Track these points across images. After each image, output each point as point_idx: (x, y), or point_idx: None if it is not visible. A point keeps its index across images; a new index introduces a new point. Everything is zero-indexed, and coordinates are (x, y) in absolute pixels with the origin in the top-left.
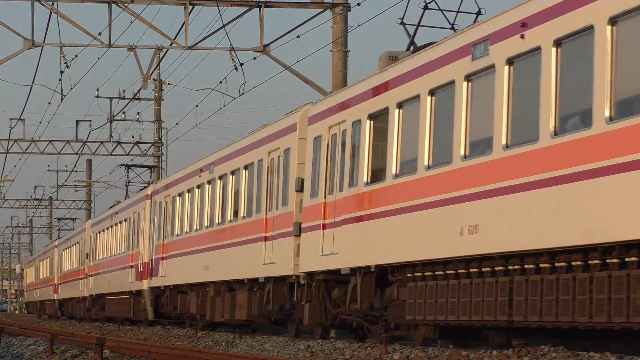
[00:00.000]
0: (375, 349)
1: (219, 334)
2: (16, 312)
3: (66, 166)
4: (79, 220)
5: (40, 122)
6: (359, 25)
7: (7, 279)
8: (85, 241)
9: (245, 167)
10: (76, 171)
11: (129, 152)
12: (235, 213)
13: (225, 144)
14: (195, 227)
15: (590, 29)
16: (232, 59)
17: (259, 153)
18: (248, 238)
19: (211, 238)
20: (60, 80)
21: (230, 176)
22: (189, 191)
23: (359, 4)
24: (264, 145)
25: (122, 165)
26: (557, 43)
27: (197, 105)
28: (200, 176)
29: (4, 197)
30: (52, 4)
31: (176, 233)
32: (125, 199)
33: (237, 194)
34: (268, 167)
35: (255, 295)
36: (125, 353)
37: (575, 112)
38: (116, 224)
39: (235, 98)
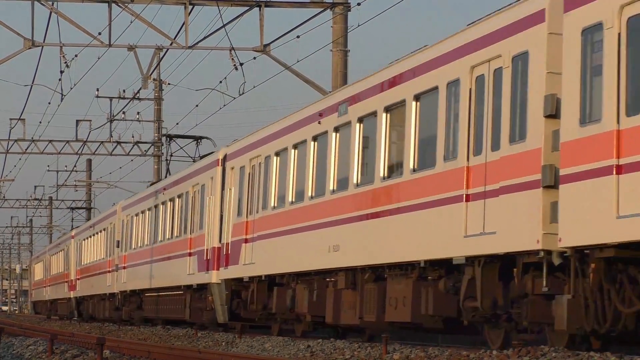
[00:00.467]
0: (375, 349)
1: (219, 334)
2: (16, 311)
3: (66, 166)
4: (96, 210)
5: (40, 122)
6: (359, 25)
7: (7, 279)
8: (115, 226)
9: (417, 98)
10: (76, 171)
11: (129, 152)
12: (398, 166)
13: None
14: (310, 194)
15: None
16: (232, 59)
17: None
18: (435, 199)
19: (344, 206)
20: (60, 80)
21: (384, 114)
22: (296, 147)
23: (359, 4)
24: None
25: (165, 135)
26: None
27: (197, 105)
28: (320, 123)
29: (4, 197)
30: (52, 4)
31: (272, 205)
32: (166, 176)
33: (398, 140)
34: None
35: (431, 287)
36: (125, 353)
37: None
38: (164, 203)
39: (235, 98)
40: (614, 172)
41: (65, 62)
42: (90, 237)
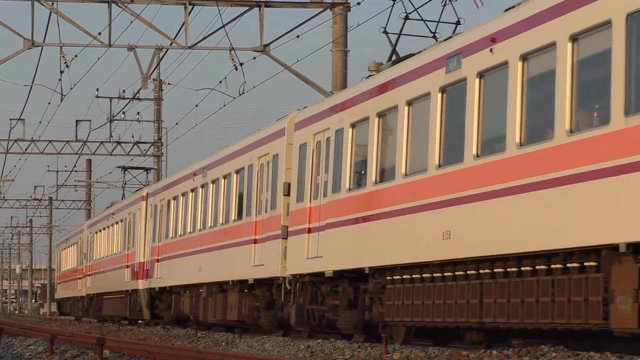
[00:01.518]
0: (375, 349)
1: (219, 334)
2: (16, 312)
3: (66, 166)
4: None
5: (40, 122)
6: (358, 25)
7: (7, 279)
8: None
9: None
10: (76, 171)
11: (129, 152)
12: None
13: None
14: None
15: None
16: (232, 59)
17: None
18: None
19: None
20: (60, 80)
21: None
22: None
23: (359, 4)
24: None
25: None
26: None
27: (197, 105)
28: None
29: (4, 197)
30: (52, 4)
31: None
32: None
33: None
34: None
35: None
36: (125, 353)
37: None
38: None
39: (235, 98)
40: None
41: (65, 62)
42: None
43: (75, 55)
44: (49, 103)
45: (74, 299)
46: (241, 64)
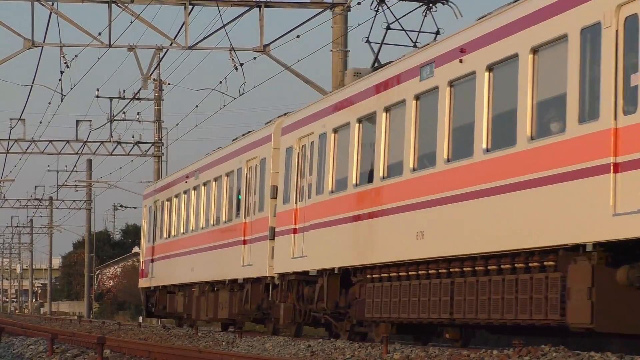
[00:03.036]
0: (376, 349)
1: (219, 334)
2: (16, 311)
3: (66, 166)
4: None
5: (40, 122)
6: (359, 25)
7: (7, 279)
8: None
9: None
10: (76, 171)
11: (129, 152)
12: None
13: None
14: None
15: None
16: (232, 59)
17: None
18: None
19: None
20: (60, 80)
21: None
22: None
23: (359, 4)
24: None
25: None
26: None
27: (197, 106)
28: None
29: (4, 197)
30: (52, 4)
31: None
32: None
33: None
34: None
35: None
36: (125, 353)
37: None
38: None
39: (235, 98)
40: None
41: (66, 62)
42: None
43: (76, 56)
44: (49, 103)
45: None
46: (241, 64)
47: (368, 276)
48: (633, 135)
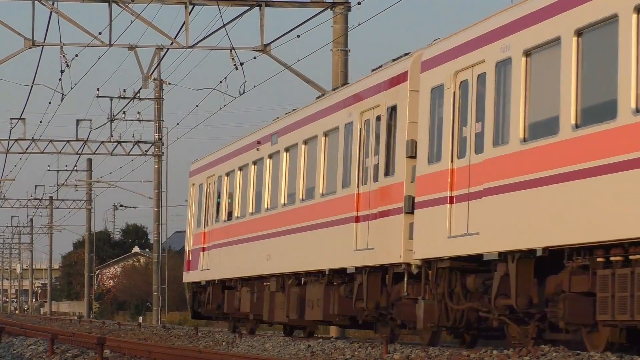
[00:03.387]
0: (376, 349)
1: (219, 334)
2: (16, 311)
3: (66, 166)
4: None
5: (40, 122)
6: (359, 25)
7: (7, 279)
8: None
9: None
10: (76, 171)
11: (130, 151)
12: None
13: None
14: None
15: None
16: (233, 59)
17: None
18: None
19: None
20: (60, 79)
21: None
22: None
23: (359, 4)
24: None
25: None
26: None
27: (197, 105)
28: (258, 149)
29: (4, 196)
30: (53, 4)
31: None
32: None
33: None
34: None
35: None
36: (125, 353)
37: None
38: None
39: (235, 98)
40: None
41: (66, 62)
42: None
43: (76, 55)
44: (50, 103)
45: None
46: (241, 64)
47: (599, 260)
48: None
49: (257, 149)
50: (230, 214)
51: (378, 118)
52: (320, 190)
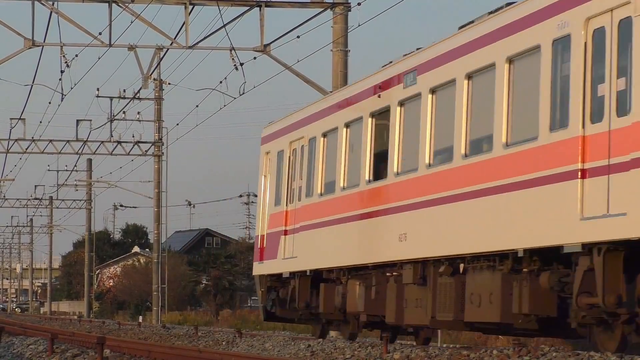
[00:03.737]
0: (376, 349)
1: (219, 334)
2: (16, 310)
3: (66, 166)
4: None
5: (40, 122)
6: (359, 25)
7: (7, 279)
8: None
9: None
10: (76, 171)
11: (130, 151)
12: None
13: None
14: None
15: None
16: (233, 59)
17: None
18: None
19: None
20: (60, 79)
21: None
22: (347, 125)
23: (359, 4)
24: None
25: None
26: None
27: (197, 106)
28: (379, 96)
29: (4, 196)
30: (53, 4)
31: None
32: None
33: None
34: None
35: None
36: (125, 353)
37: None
38: None
39: (235, 98)
40: None
41: (66, 62)
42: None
43: (76, 55)
44: (50, 103)
45: (361, 278)
46: (241, 64)
47: None
48: None
49: (379, 96)
50: (329, 186)
51: (619, 24)
52: (503, 139)
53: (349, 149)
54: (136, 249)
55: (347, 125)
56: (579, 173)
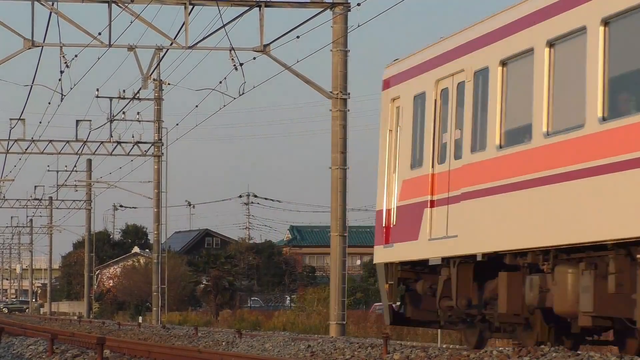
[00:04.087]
0: (376, 349)
1: (219, 334)
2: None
3: (66, 166)
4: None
5: (40, 122)
6: (359, 26)
7: (7, 279)
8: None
9: None
10: (76, 171)
11: (129, 152)
12: None
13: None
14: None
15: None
16: (232, 59)
17: None
18: None
19: None
20: (60, 80)
21: None
22: (553, 44)
23: (359, 4)
24: None
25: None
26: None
27: (197, 106)
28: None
29: (4, 197)
30: (52, 4)
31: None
32: None
33: None
34: None
35: None
36: (125, 353)
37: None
38: None
39: (235, 98)
40: None
41: (65, 62)
42: None
43: (76, 55)
44: (49, 103)
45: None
46: (241, 64)
47: None
48: None
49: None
50: (513, 133)
51: None
52: None
53: (553, 76)
54: (136, 249)
55: (551, 44)
56: None
